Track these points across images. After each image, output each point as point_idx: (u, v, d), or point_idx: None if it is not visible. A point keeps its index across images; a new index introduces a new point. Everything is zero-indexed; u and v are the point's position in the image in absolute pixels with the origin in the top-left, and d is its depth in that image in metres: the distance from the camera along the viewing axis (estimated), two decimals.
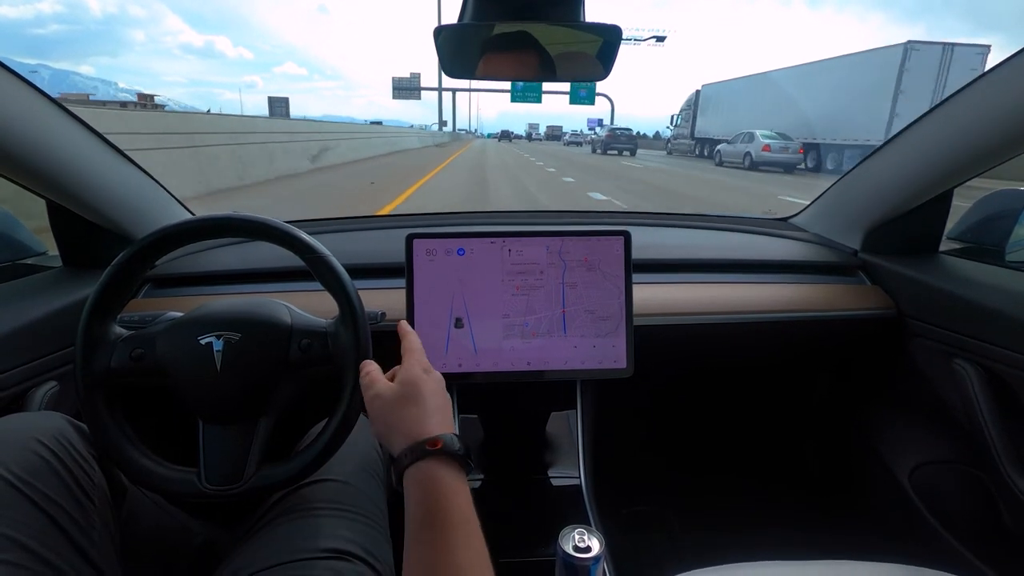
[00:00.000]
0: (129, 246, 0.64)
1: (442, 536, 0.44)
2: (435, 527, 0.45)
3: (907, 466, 1.08)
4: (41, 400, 0.76)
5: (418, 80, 48.83)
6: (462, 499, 0.47)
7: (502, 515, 0.84)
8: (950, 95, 0.88)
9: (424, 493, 0.47)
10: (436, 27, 0.68)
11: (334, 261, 0.66)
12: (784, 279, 1.11)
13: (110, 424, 0.61)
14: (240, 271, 1.03)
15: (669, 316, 0.99)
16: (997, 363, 0.86)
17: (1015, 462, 0.85)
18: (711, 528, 1.23)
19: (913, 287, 1.02)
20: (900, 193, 1.03)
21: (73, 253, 0.98)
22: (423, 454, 0.49)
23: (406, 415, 0.53)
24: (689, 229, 1.35)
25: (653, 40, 52.71)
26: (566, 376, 0.87)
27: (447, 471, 0.49)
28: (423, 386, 0.55)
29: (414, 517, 0.47)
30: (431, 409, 0.53)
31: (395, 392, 0.55)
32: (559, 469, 0.94)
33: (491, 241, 0.85)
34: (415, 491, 0.48)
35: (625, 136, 26.27)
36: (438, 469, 0.48)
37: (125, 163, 0.96)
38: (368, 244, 1.18)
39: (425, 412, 0.53)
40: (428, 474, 0.48)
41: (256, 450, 0.64)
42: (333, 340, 0.66)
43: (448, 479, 0.48)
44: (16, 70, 0.72)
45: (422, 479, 0.48)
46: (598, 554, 0.56)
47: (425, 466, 0.49)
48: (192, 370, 0.63)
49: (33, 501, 0.52)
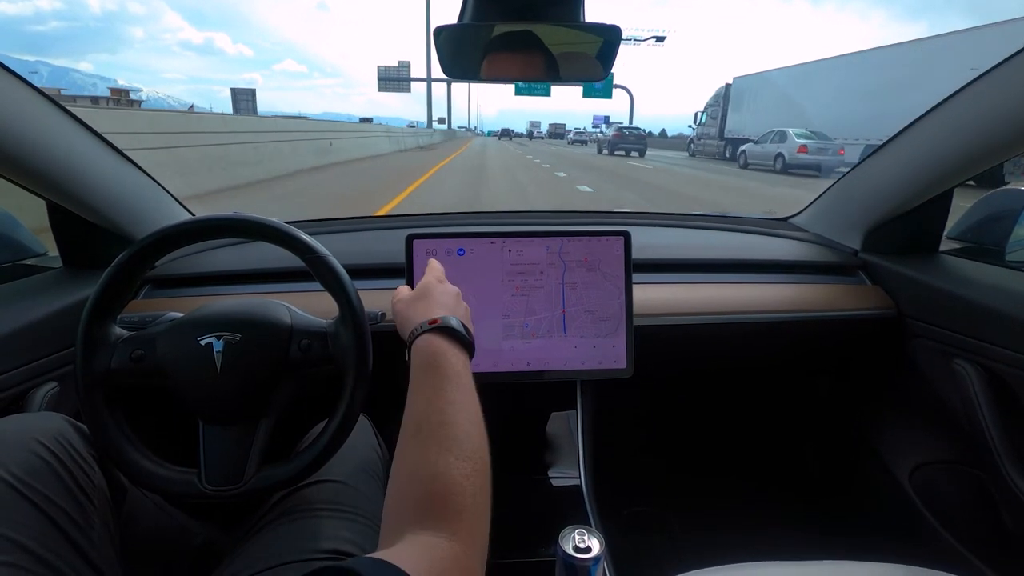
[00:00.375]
0: (129, 247, 0.64)
1: (438, 381, 0.51)
2: (430, 375, 0.52)
3: (907, 466, 1.08)
4: (41, 401, 0.76)
5: (407, 70, 43.41)
6: (455, 359, 0.54)
7: (502, 515, 0.84)
8: (950, 95, 0.88)
9: (422, 356, 0.54)
10: (436, 27, 0.68)
11: (334, 261, 0.66)
12: (784, 279, 1.11)
13: (110, 425, 0.61)
14: (240, 272, 1.03)
15: (669, 316, 0.99)
16: (997, 363, 0.86)
17: (1015, 462, 0.85)
18: (711, 528, 1.23)
19: (913, 287, 1.02)
20: (900, 193, 1.03)
21: (73, 254, 0.98)
22: (424, 329, 0.57)
23: (417, 307, 0.61)
24: (689, 229, 1.35)
25: (653, 40, 52.41)
26: (566, 376, 0.87)
27: (443, 341, 0.56)
28: (433, 289, 0.64)
29: (414, 374, 0.53)
30: (439, 304, 0.61)
31: (412, 294, 0.64)
32: (559, 469, 0.94)
33: (491, 241, 0.85)
34: (416, 357, 0.55)
35: (634, 135, 24.29)
36: (435, 339, 0.56)
37: (125, 163, 0.96)
38: (368, 244, 1.18)
39: (432, 305, 0.61)
40: (427, 342, 0.56)
41: (256, 451, 0.64)
42: (333, 340, 0.66)
43: (444, 346, 0.55)
44: (15, 70, 0.72)
45: (422, 346, 0.55)
46: (598, 554, 0.56)
47: (425, 337, 0.56)
48: (192, 371, 0.63)
49: (33, 502, 0.52)
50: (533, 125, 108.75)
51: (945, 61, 12.05)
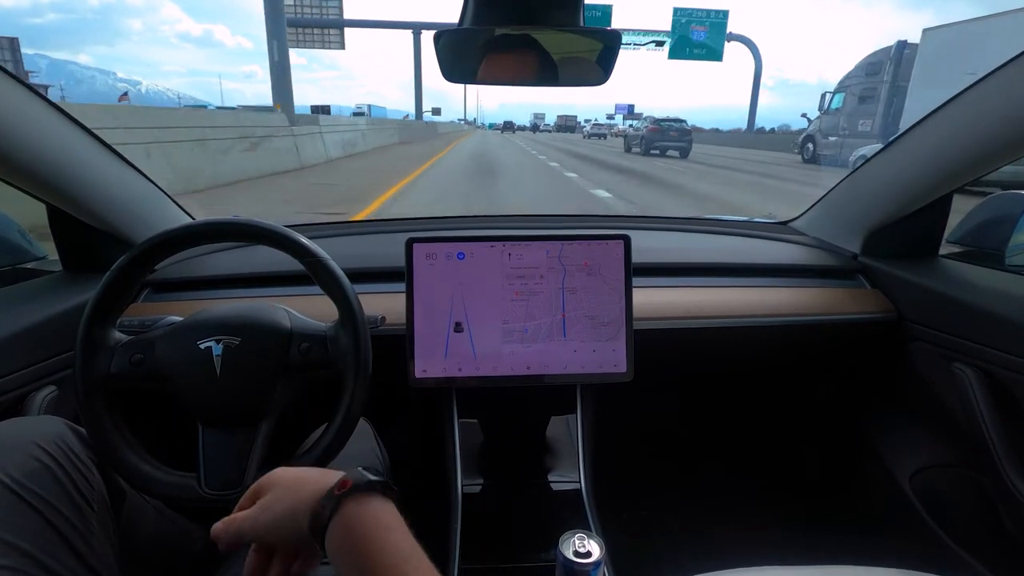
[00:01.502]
0: (129, 250, 0.64)
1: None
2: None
3: (908, 470, 1.08)
4: (40, 404, 0.76)
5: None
6: (396, 537, 0.40)
7: (502, 520, 0.84)
8: (951, 98, 0.88)
9: (349, 549, 0.40)
10: (436, 32, 0.68)
11: (334, 265, 0.66)
12: (784, 283, 1.11)
13: (110, 428, 0.61)
14: (239, 275, 1.03)
15: (669, 320, 0.99)
16: (997, 367, 0.86)
17: (1016, 466, 0.85)
18: (712, 532, 1.22)
19: (913, 291, 1.02)
20: (900, 196, 1.03)
21: (73, 257, 0.98)
22: (335, 504, 0.41)
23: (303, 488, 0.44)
24: (689, 233, 1.35)
25: (652, 45, 52.24)
26: (566, 380, 0.87)
27: (368, 511, 0.41)
28: (280, 473, 0.48)
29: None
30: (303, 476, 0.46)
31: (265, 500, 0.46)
32: (559, 473, 0.94)
33: (491, 245, 0.85)
34: (341, 547, 0.40)
35: (676, 129, 18.57)
36: (357, 514, 0.41)
37: (124, 167, 0.97)
38: (368, 248, 1.18)
39: (318, 474, 0.46)
40: (347, 525, 0.40)
41: (256, 454, 0.64)
42: (333, 344, 0.66)
43: (370, 522, 0.41)
44: (15, 73, 0.72)
45: (342, 535, 0.40)
46: (598, 559, 0.56)
47: (339, 520, 0.41)
48: (192, 374, 0.63)
49: (32, 506, 0.52)
50: (537, 118, 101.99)
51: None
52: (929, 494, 1.04)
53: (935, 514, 1.03)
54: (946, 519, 1.01)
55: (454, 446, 0.91)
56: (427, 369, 0.84)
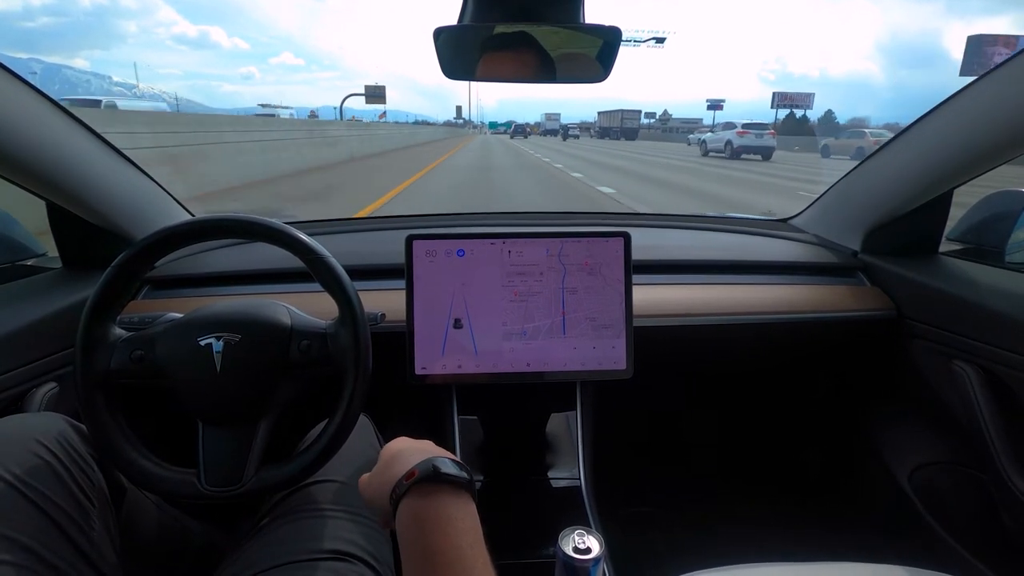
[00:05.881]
0: (129, 247, 0.64)
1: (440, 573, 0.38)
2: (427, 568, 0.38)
3: (907, 467, 1.08)
4: (41, 401, 0.76)
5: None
6: (458, 519, 0.41)
7: (502, 516, 0.84)
8: (950, 95, 0.88)
9: (410, 537, 0.40)
10: (436, 29, 0.68)
11: (334, 262, 0.66)
12: (784, 280, 1.11)
13: (110, 425, 0.61)
14: (239, 272, 1.03)
15: (669, 317, 0.99)
16: (997, 364, 0.86)
17: (1015, 463, 0.85)
18: (711, 529, 1.23)
19: (913, 288, 1.02)
20: (900, 194, 1.03)
21: (73, 254, 0.98)
22: (403, 492, 0.42)
23: (385, 474, 0.47)
24: (689, 230, 1.35)
25: (653, 42, 51.81)
26: (566, 378, 0.87)
27: (430, 503, 0.41)
28: (400, 449, 0.49)
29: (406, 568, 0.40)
30: (412, 453, 0.47)
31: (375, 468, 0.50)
32: (559, 470, 0.94)
33: (491, 242, 0.85)
34: (403, 533, 0.41)
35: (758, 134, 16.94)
36: (420, 504, 0.41)
37: (125, 164, 0.97)
38: (368, 245, 1.18)
39: (403, 460, 0.46)
40: (411, 514, 0.41)
41: (256, 451, 0.64)
42: (333, 341, 0.66)
43: (435, 505, 0.41)
44: (14, 70, 0.72)
45: (405, 519, 0.41)
46: (598, 555, 0.56)
47: (405, 507, 0.42)
48: (192, 371, 0.63)
49: (33, 502, 0.52)
50: (550, 118, 74.71)
51: None
52: (928, 491, 1.05)
53: (934, 511, 1.03)
54: (945, 516, 1.01)
55: (454, 443, 0.91)
56: (427, 366, 0.84)
